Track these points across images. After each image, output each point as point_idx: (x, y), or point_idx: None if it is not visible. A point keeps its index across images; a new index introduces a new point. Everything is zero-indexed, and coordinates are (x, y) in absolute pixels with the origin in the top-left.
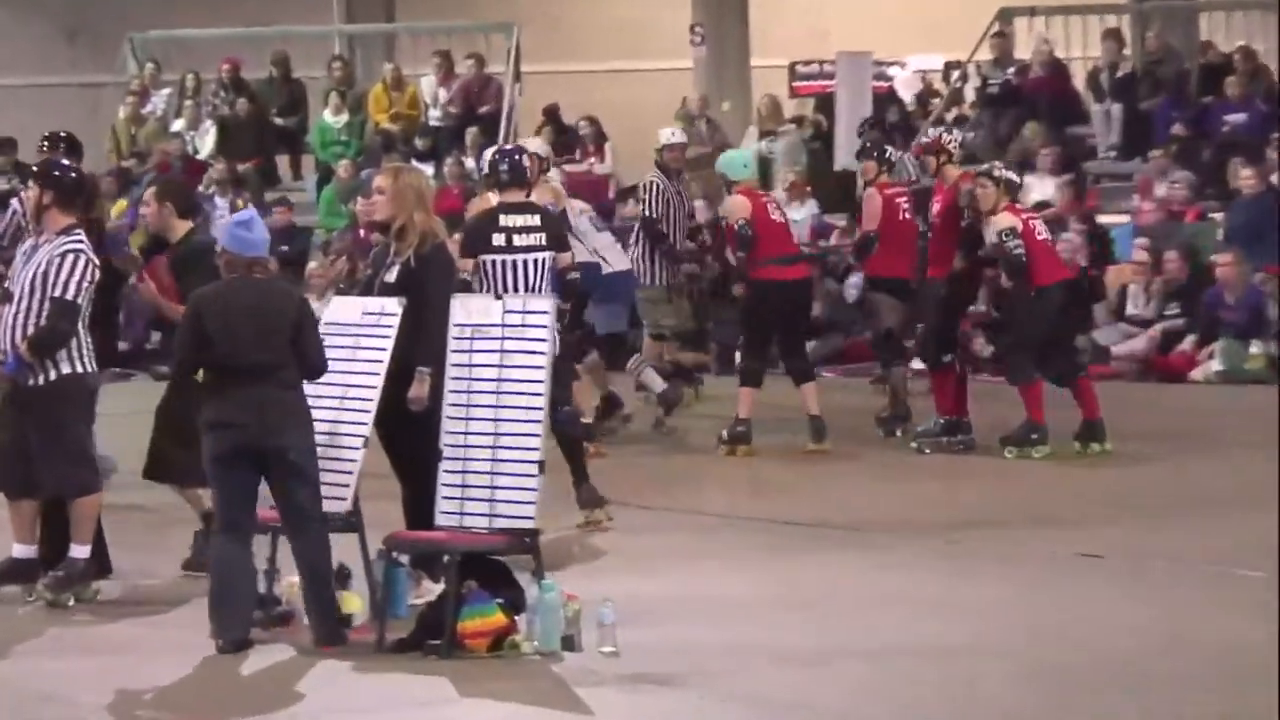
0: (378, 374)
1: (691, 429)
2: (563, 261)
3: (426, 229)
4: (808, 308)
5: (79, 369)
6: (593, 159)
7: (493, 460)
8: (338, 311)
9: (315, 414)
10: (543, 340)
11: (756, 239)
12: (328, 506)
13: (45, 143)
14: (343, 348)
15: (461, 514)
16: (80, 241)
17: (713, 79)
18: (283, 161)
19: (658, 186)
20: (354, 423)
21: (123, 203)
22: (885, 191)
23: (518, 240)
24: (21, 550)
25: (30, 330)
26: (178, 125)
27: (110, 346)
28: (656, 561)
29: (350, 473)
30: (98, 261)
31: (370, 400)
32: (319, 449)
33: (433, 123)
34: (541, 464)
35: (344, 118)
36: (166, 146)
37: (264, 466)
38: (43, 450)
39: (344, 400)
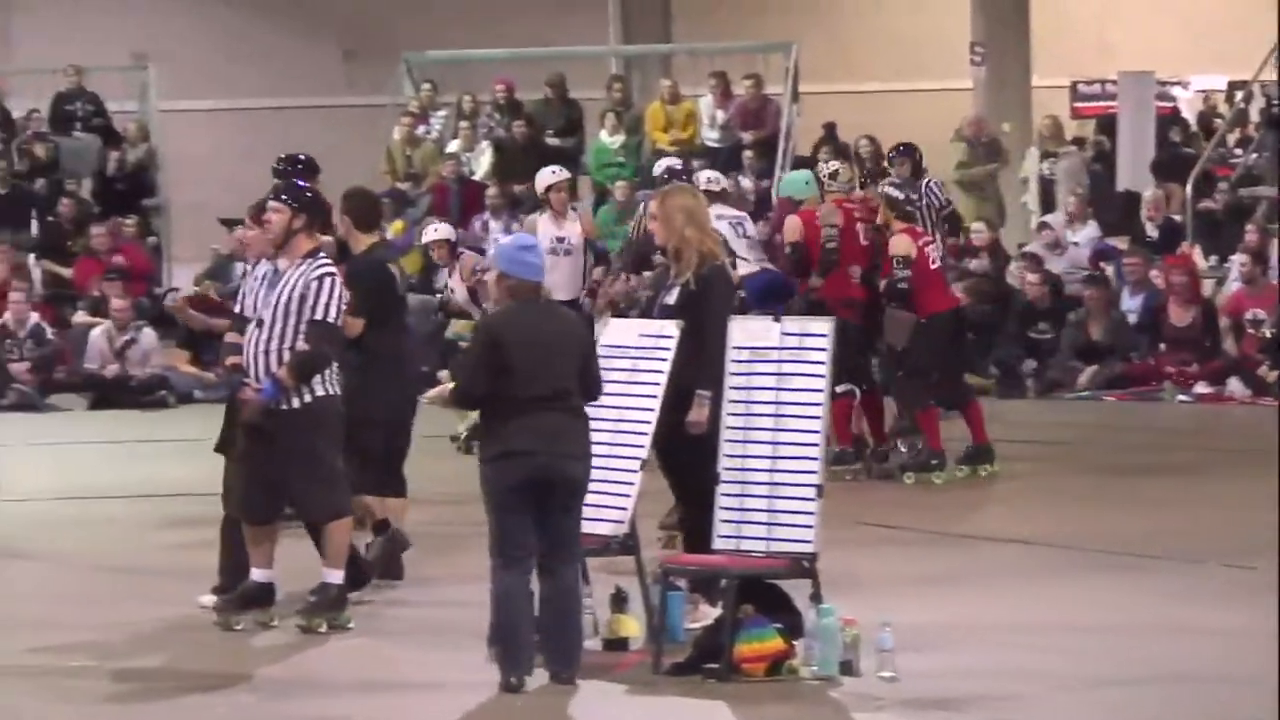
0: (655, 397)
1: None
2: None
3: (705, 250)
4: (873, 325)
5: (330, 391)
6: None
7: (771, 484)
8: (615, 334)
9: (595, 437)
10: (821, 363)
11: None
12: (606, 529)
13: (285, 164)
14: (620, 370)
15: (739, 537)
16: (330, 263)
17: (993, 99)
18: None
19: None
20: (631, 445)
21: (399, 224)
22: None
23: None
24: (262, 575)
25: (285, 355)
26: (453, 147)
27: None
28: (930, 585)
29: (628, 495)
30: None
31: (647, 423)
32: (597, 472)
33: (709, 143)
34: (820, 488)
35: (620, 138)
36: (442, 169)
37: (549, 494)
38: (296, 475)
39: (620, 423)
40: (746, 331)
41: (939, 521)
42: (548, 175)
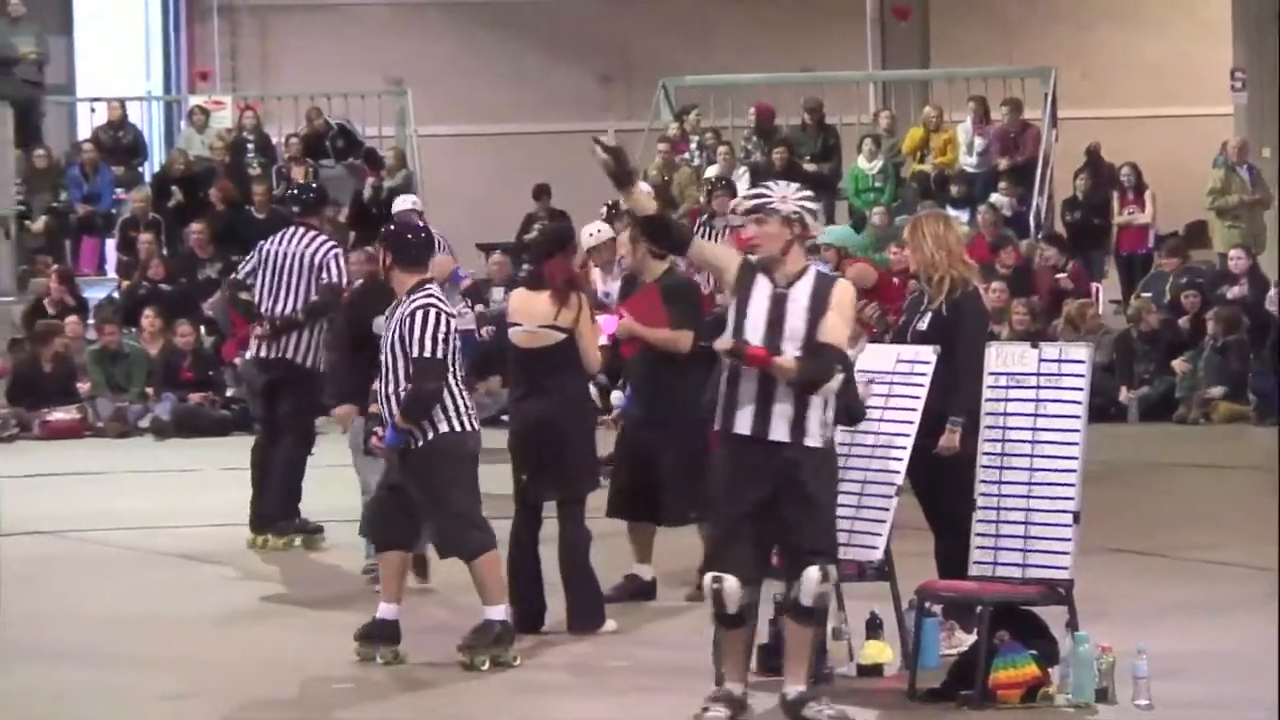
0: (911, 422)
1: (1179, 474)
2: None
3: (956, 276)
4: None
5: (455, 427)
6: (1132, 208)
7: (1027, 510)
8: (871, 359)
9: (849, 462)
10: (1079, 389)
11: None
12: (861, 555)
13: (300, 192)
14: (876, 396)
15: (995, 564)
16: (429, 295)
17: (1254, 124)
18: None
19: None
20: (886, 471)
21: None
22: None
23: None
24: (388, 610)
25: (402, 396)
26: (711, 172)
27: None
28: (1183, 612)
29: (883, 521)
30: (453, 312)
31: (903, 449)
32: (852, 497)
33: (967, 169)
34: (1077, 514)
35: (878, 164)
36: (699, 194)
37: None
38: (427, 514)
39: (875, 449)
40: (1003, 357)
41: (1190, 549)
42: (587, 239)
